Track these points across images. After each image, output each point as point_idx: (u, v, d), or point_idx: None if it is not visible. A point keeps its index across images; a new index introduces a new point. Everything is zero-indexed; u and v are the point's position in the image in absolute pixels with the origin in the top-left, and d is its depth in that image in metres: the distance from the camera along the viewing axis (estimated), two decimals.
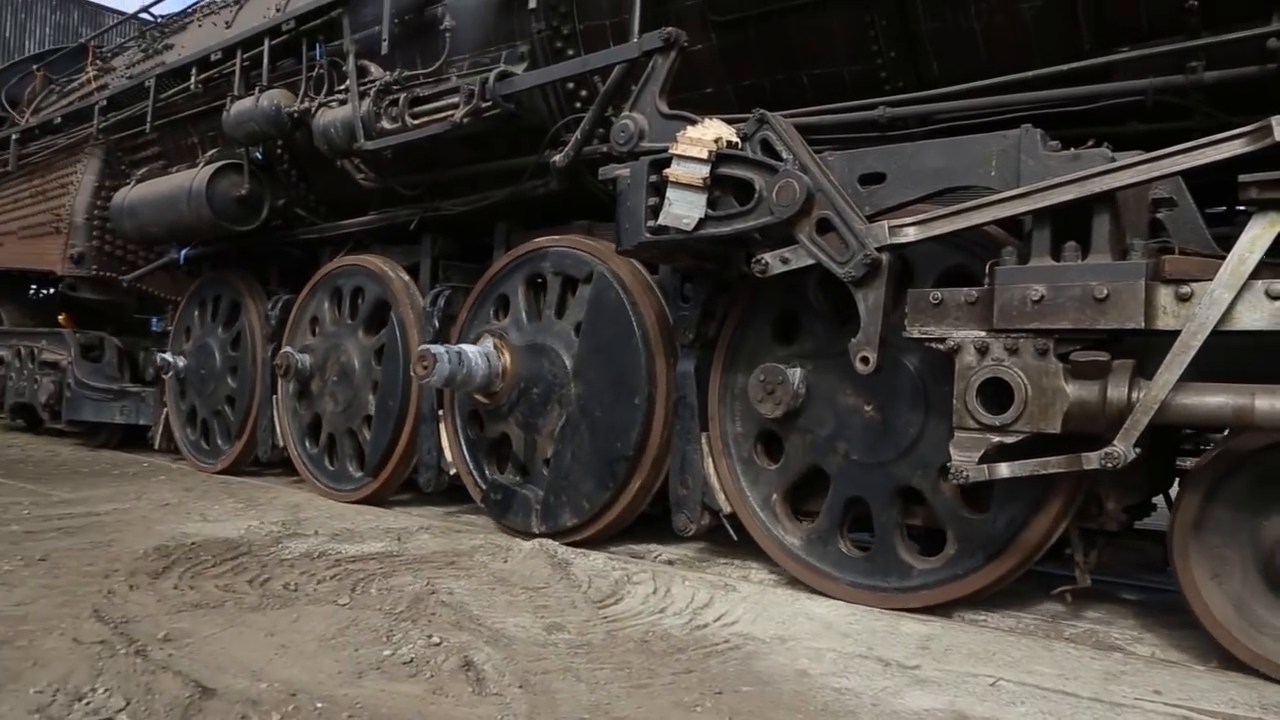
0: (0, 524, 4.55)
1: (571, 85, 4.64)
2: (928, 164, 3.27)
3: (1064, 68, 3.34)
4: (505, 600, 3.36)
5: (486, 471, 4.92)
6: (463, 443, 5.04)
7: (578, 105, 4.66)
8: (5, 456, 7.54)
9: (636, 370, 4.25)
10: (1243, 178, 2.60)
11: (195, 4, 7.62)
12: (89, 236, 7.73)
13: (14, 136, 8.79)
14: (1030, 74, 3.43)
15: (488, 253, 5.35)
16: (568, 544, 4.29)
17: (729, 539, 4.12)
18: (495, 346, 4.79)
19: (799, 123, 3.78)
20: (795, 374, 3.72)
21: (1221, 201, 3.73)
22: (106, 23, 14.49)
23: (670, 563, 4.12)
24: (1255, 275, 2.65)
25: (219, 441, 6.82)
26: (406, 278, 5.59)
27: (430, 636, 2.85)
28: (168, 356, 7.02)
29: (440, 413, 5.18)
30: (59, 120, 8.12)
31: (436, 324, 5.29)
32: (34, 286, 9.43)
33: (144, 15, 9.18)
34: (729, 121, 3.66)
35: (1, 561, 3.74)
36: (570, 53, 4.62)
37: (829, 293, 3.64)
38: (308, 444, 6.06)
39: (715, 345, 4.14)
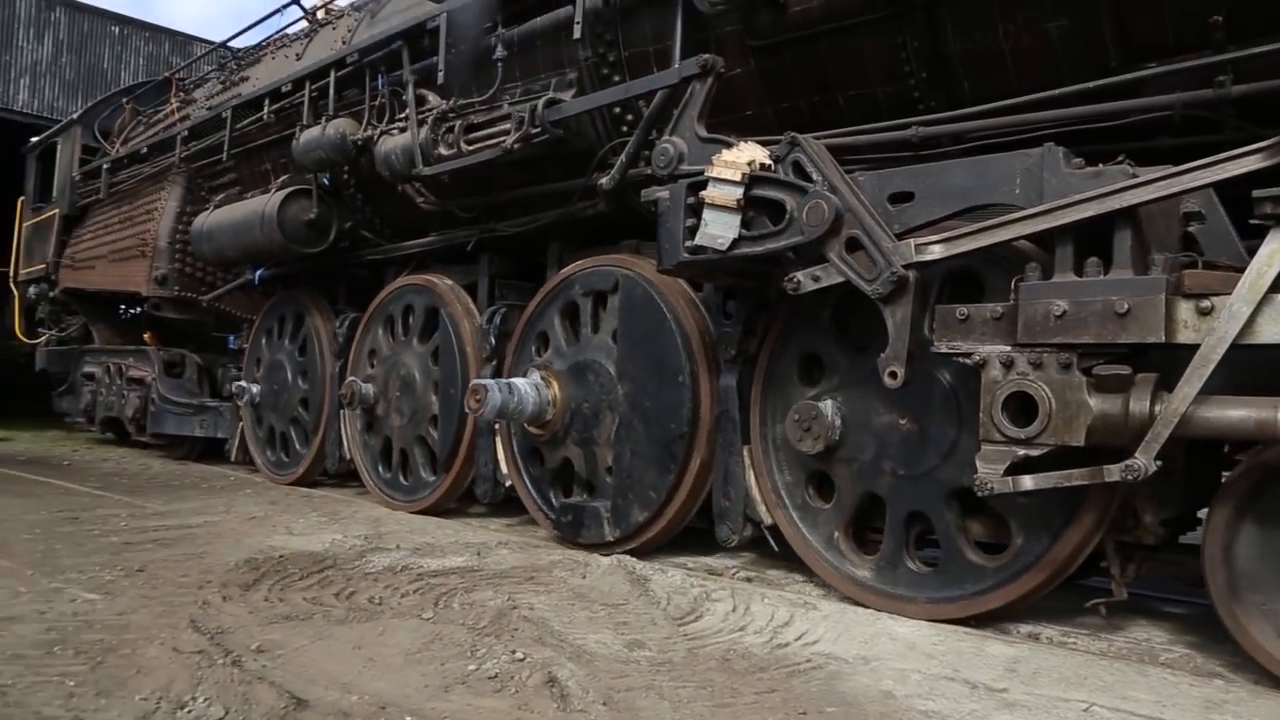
0: (101, 535, 4.78)
1: (618, 110, 4.79)
2: (954, 183, 3.35)
3: (1091, 85, 3.38)
4: (585, 616, 3.38)
5: (553, 499, 5.01)
6: (527, 480, 5.15)
7: (624, 129, 4.81)
8: (101, 470, 7.90)
9: (675, 352, 4.40)
10: (1257, 193, 2.64)
11: (270, 37, 8.00)
12: (171, 259, 8.17)
13: (105, 166, 9.32)
14: (1058, 92, 3.47)
15: (542, 271, 5.53)
16: (641, 543, 4.45)
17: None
18: (542, 379, 4.94)
19: (835, 143, 3.89)
20: (828, 406, 3.80)
21: None
22: (195, 52, 15.29)
23: (749, 580, 4.12)
24: (1276, 289, 2.67)
25: (291, 454, 7.14)
26: (450, 282, 5.85)
27: (514, 652, 2.88)
28: (243, 384, 7.37)
29: (495, 425, 5.38)
30: (145, 150, 8.60)
31: (493, 340, 5.49)
32: (123, 307, 9.93)
33: (229, 46, 9.64)
34: (766, 143, 3.79)
35: (104, 571, 3.92)
36: (616, 79, 4.78)
37: (860, 314, 3.72)
38: (375, 459, 6.31)
39: (756, 361, 4.25)
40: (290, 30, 7.92)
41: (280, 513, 5.62)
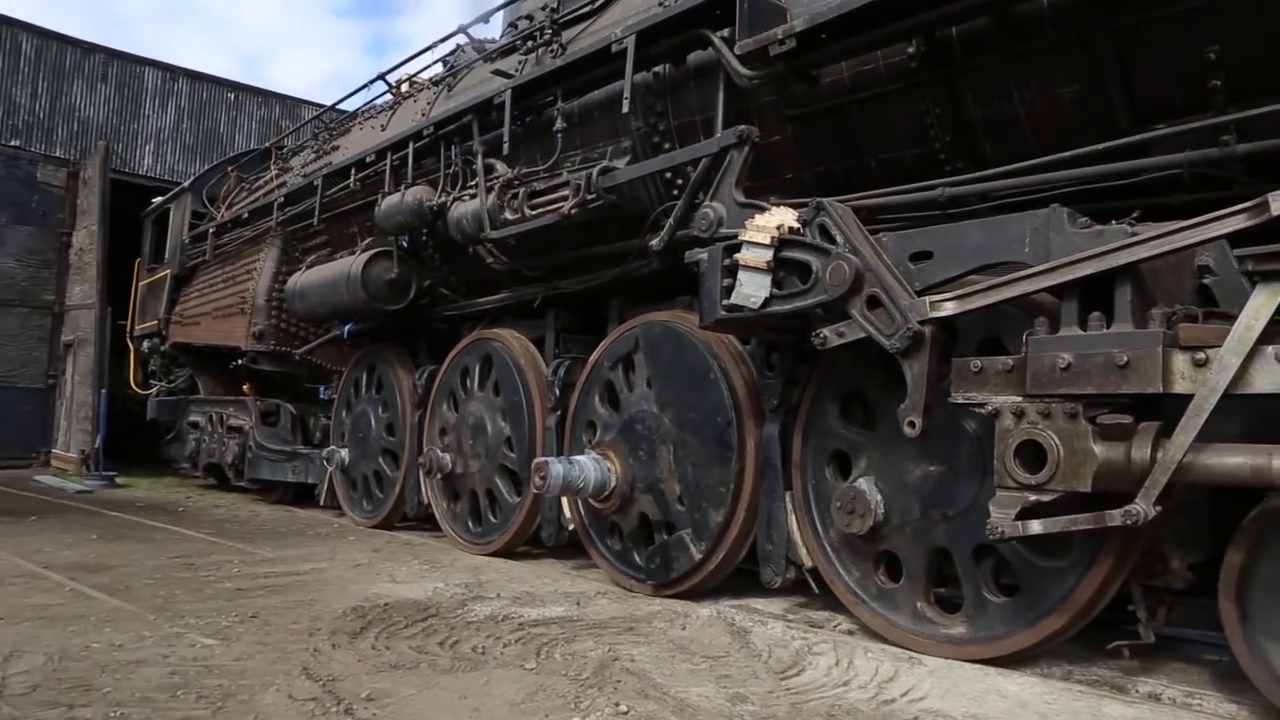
0: (216, 580, 5.00)
1: (668, 175, 5.10)
2: (969, 242, 3.56)
3: (1101, 147, 3.55)
4: (687, 669, 3.39)
5: (639, 559, 5.11)
6: (610, 556, 5.31)
7: (675, 193, 5.11)
8: (214, 516, 8.29)
9: (700, 357, 4.77)
10: (1238, 252, 2.79)
11: (360, 108, 8.62)
12: (268, 316, 8.79)
13: (211, 229, 10.09)
14: (1073, 153, 3.64)
15: (605, 325, 5.83)
16: (725, 551, 4.58)
17: None
18: (600, 454, 5.19)
19: (868, 204, 4.14)
20: (866, 485, 3.97)
21: None
22: (303, 114, 16.15)
23: (850, 633, 4.11)
24: (1266, 341, 2.81)
25: (374, 499, 7.58)
26: (520, 336, 6.27)
27: (617, 705, 2.90)
28: (333, 448, 7.87)
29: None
30: (246, 214, 9.31)
31: (557, 392, 5.82)
32: (226, 359, 10.65)
33: (336, 108, 10.30)
34: (798, 206, 4.05)
35: (220, 617, 4.08)
36: (666, 146, 5.11)
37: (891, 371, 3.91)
38: (450, 504, 6.69)
39: (798, 411, 4.47)
40: (378, 101, 8.51)
41: (383, 560, 5.80)
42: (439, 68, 7.98)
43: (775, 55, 4.12)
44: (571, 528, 5.63)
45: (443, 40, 7.53)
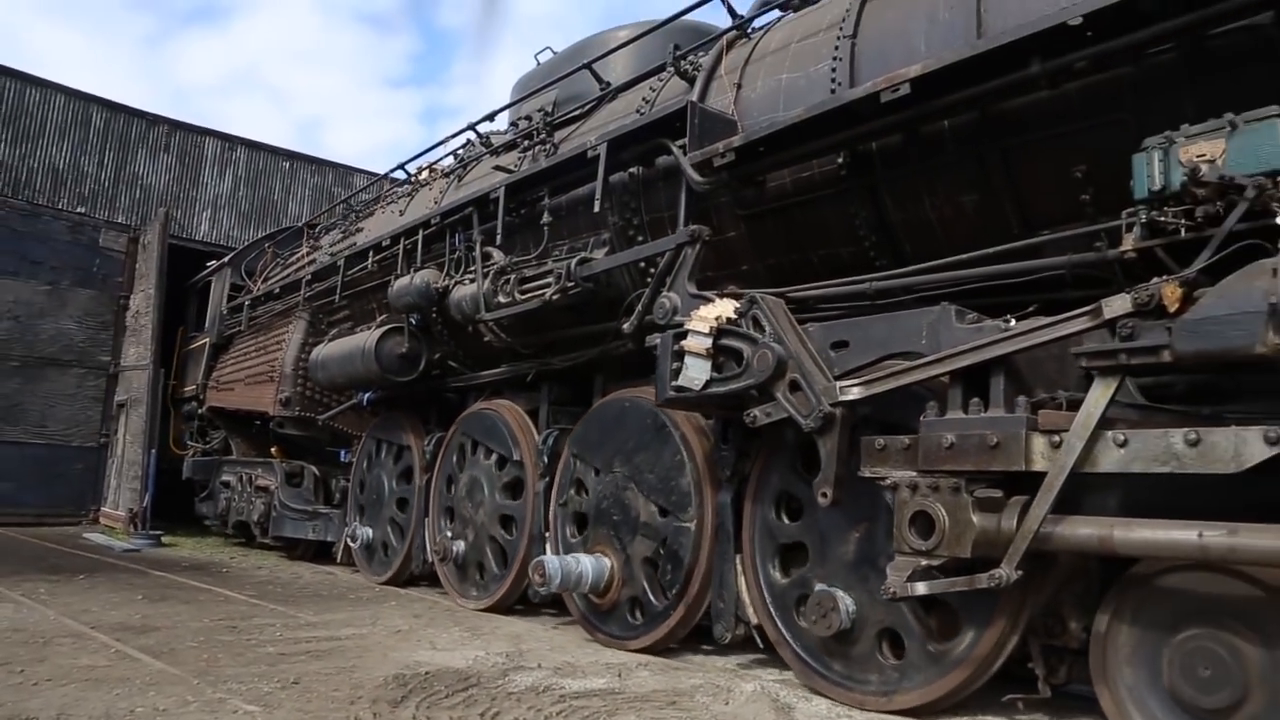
0: (258, 644, 5.00)
1: (643, 264, 5.65)
2: (877, 334, 4.03)
3: (996, 249, 4.01)
4: None
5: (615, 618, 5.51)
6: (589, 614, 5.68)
7: (648, 280, 5.64)
8: (257, 577, 8.37)
9: (645, 416, 5.24)
10: (1073, 350, 3.24)
11: (380, 194, 9.33)
12: (294, 384, 9.44)
13: (246, 302, 10.83)
14: (974, 254, 4.10)
15: (592, 397, 6.33)
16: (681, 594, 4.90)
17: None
18: (600, 552, 5.54)
19: (808, 295, 4.64)
20: (842, 596, 4.20)
21: None
22: (355, 182, 16.75)
23: (897, 712, 4.01)
24: (1108, 426, 3.24)
25: (385, 557, 8.09)
26: (516, 406, 6.78)
27: None
28: (356, 527, 8.29)
29: (547, 534, 6.16)
30: (278, 289, 10.03)
31: (545, 459, 6.32)
32: (256, 423, 11.31)
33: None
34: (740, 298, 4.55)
35: (262, 682, 4.07)
36: (639, 239, 5.67)
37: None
38: (445, 564, 7.18)
39: (748, 481, 4.91)
40: (400, 189, 9.22)
41: (424, 626, 5.83)
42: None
43: (719, 165, 4.66)
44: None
45: (454, 135, 8.23)
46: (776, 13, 5.88)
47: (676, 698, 4.03)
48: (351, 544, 8.33)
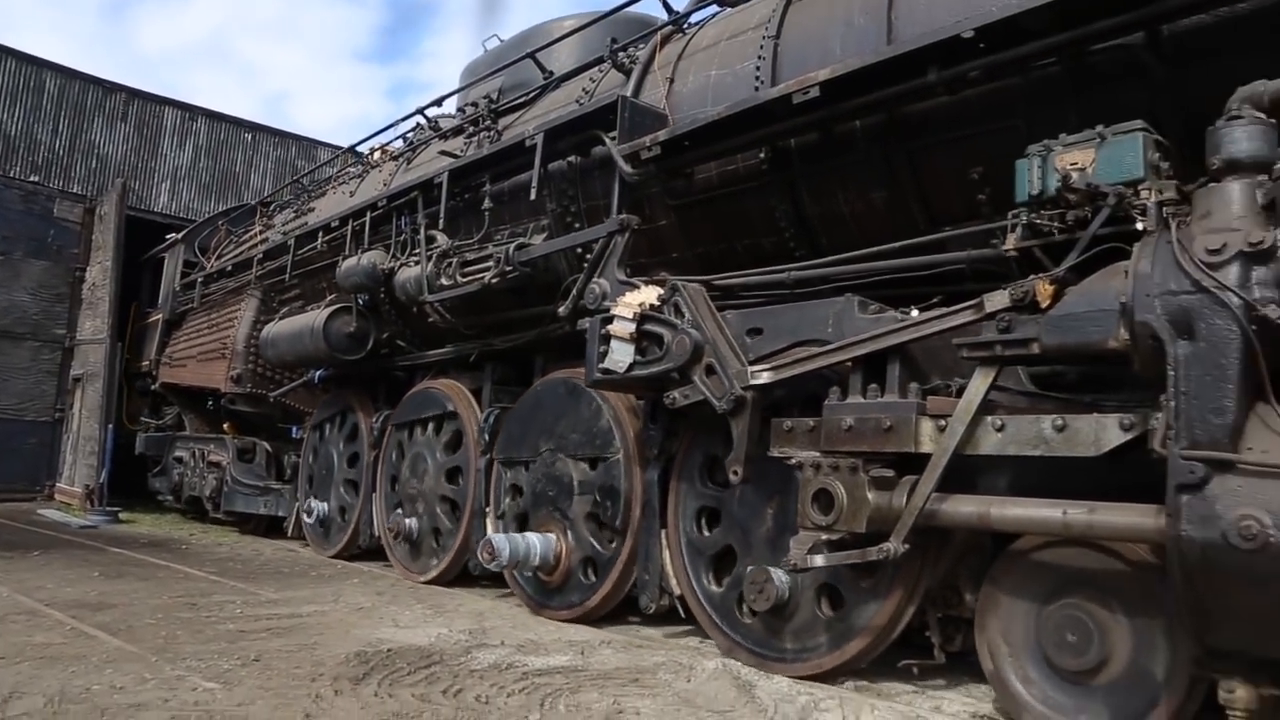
0: (218, 622, 4.96)
1: (580, 250, 5.84)
2: (788, 322, 4.27)
3: (900, 244, 4.24)
4: None
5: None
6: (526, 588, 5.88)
7: (584, 265, 5.85)
8: (216, 554, 8.26)
9: (557, 388, 5.49)
10: (955, 340, 3.50)
11: (333, 175, 9.43)
12: (246, 361, 9.54)
13: (199, 279, 10.89)
14: (883, 248, 4.34)
15: (533, 377, 6.53)
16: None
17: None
18: (547, 532, 5.69)
19: (733, 283, 4.86)
20: (776, 571, 4.36)
21: None
22: (319, 155, 16.60)
23: (858, 689, 4.08)
24: (989, 412, 3.50)
25: (332, 532, 8.26)
26: (460, 385, 6.96)
27: None
28: (313, 503, 8.33)
29: (487, 509, 6.37)
30: (230, 267, 10.11)
31: (486, 438, 6.51)
32: (209, 400, 11.40)
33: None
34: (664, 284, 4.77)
35: (222, 660, 4.04)
36: (577, 225, 5.87)
37: None
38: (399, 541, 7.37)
39: (675, 460, 5.15)
40: (351, 169, 9.32)
41: (386, 604, 5.81)
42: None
43: (646, 158, 4.86)
44: None
45: (404, 119, 8.36)
46: (714, 8, 6.08)
47: (639, 674, 4.05)
48: (306, 518, 8.45)
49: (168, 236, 13.45)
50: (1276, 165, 2.78)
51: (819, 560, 3.84)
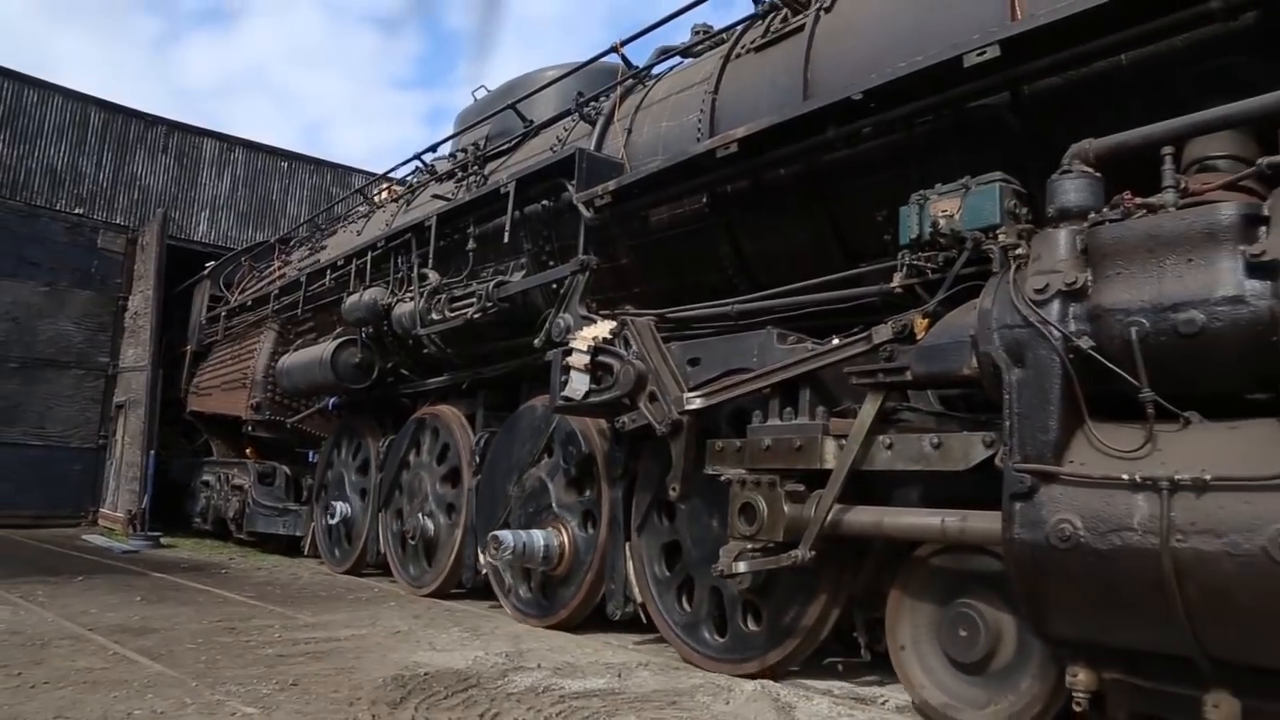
0: (257, 646, 4.98)
1: (555, 285, 6.34)
2: (720, 353, 4.74)
3: (820, 280, 4.69)
4: None
5: (534, 599, 6.36)
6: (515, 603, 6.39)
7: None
8: (255, 579, 8.34)
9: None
10: (846, 369, 3.95)
11: (345, 212, 10.05)
12: (264, 390, 10.18)
13: (223, 313, 11.57)
14: (808, 283, 4.79)
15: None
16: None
17: None
18: (554, 528, 6.06)
19: (684, 315, 5.34)
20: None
21: None
22: (353, 182, 16.52)
23: (899, 710, 4.08)
24: (876, 433, 3.94)
25: (343, 550, 8.81)
26: (456, 411, 7.46)
27: None
28: (335, 503, 8.74)
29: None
30: (250, 302, 10.76)
31: (477, 459, 7.03)
32: (233, 427, 12.06)
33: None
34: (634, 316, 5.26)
35: (260, 684, 4.05)
36: (551, 263, 6.38)
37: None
38: (398, 553, 7.90)
39: (636, 478, 5.61)
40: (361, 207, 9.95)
41: (423, 627, 5.83)
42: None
43: (599, 205, 5.37)
44: (485, 571, 6.78)
45: (404, 163, 8.97)
46: (677, 58, 6.60)
47: (677, 698, 4.05)
48: (330, 520, 8.71)
49: (206, 265, 14.02)
50: (1092, 214, 3.21)
51: (742, 566, 4.29)
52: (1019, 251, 3.40)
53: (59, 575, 7.98)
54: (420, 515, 7.57)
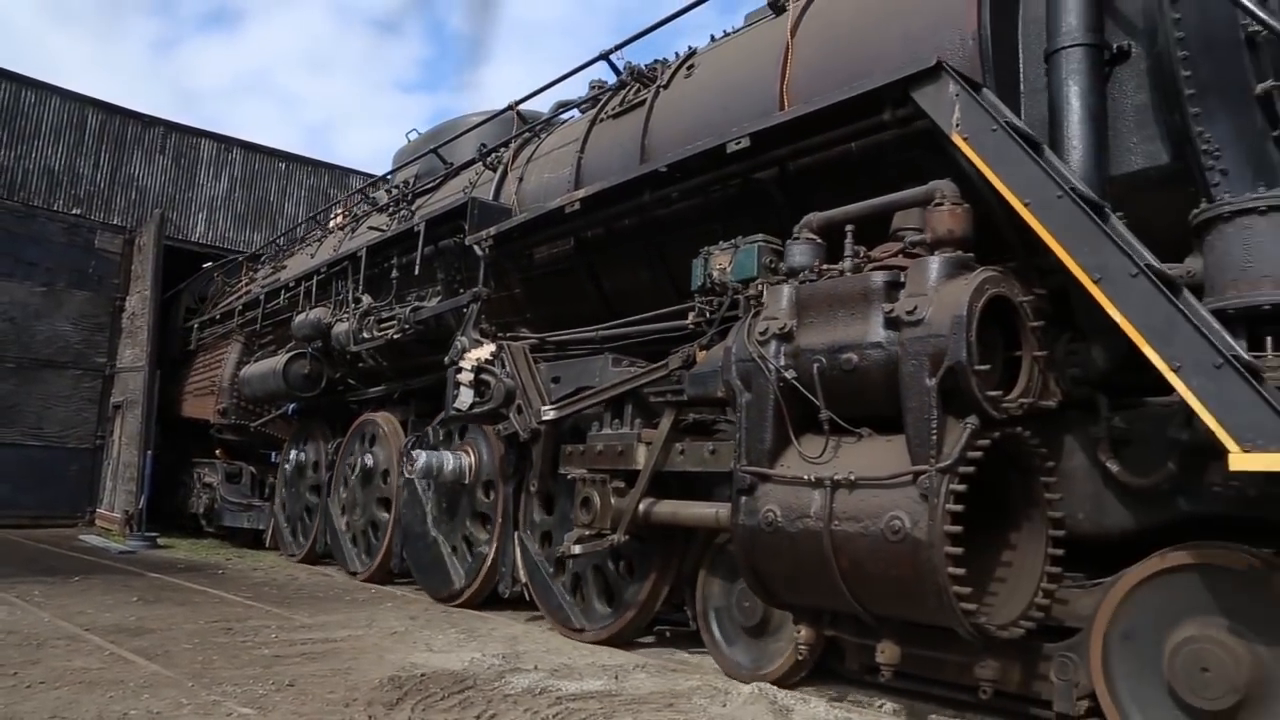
0: (253, 646, 5.00)
1: (465, 309, 7.33)
2: (573, 373, 5.74)
3: (655, 313, 5.64)
4: None
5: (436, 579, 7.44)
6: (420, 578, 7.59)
7: None
8: (252, 579, 8.41)
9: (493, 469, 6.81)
10: (646, 390, 4.93)
11: (303, 235, 11.05)
12: (230, 397, 11.18)
13: (196, 324, 12.58)
14: (651, 314, 5.74)
15: None
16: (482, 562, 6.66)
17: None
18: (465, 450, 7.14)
19: (562, 339, 6.32)
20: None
21: None
22: (351, 183, 16.62)
23: (895, 713, 4.14)
24: (679, 440, 4.93)
25: (299, 540, 9.81)
26: (391, 417, 8.41)
27: None
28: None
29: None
30: (218, 315, 11.77)
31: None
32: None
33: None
34: (516, 339, 6.24)
35: (257, 685, 4.06)
36: (461, 290, 7.35)
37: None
38: (343, 542, 8.89)
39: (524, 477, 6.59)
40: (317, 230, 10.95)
41: (420, 628, 5.88)
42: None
43: (485, 247, 6.36)
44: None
45: (352, 194, 9.96)
46: (575, 112, 7.59)
47: (674, 699, 4.07)
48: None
49: (203, 266, 14.46)
50: (803, 274, 4.17)
51: (577, 549, 5.29)
52: (758, 300, 4.37)
53: (56, 575, 8.01)
54: (358, 510, 8.57)
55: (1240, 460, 2.82)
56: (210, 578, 8.37)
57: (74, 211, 14.77)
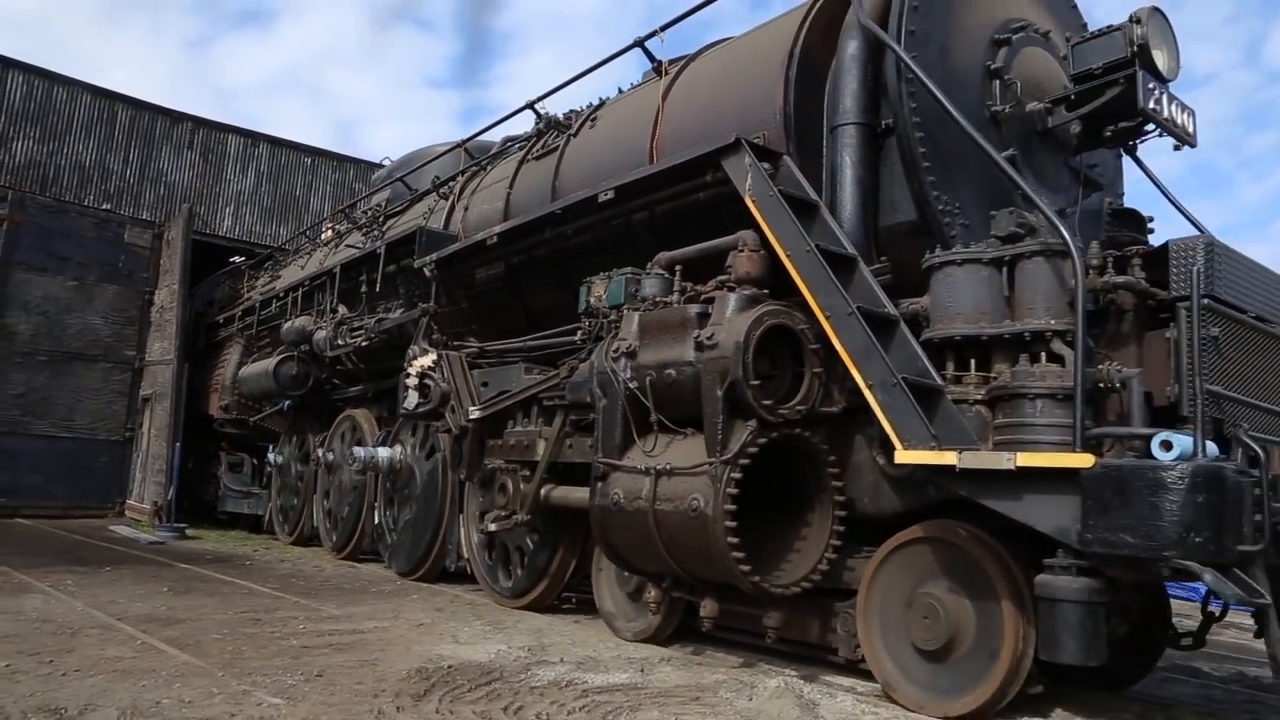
0: (282, 637, 5.08)
1: (417, 322, 8.39)
2: (498, 379, 6.78)
3: (565, 328, 6.66)
4: None
5: (393, 559, 8.54)
6: (386, 556, 8.72)
7: None
8: (280, 571, 8.51)
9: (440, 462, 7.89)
10: (544, 395, 5.97)
11: (297, 246, 12.19)
12: (231, 394, 12.35)
13: (204, 326, 13.79)
14: (557, 330, 6.73)
15: None
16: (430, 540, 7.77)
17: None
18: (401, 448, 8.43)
19: (499, 348, 7.36)
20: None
21: None
22: (374, 179, 17.28)
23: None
24: (565, 438, 5.97)
25: (291, 523, 10.95)
26: (369, 413, 9.51)
27: None
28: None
29: (375, 504, 8.96)
30: (221, 320, 12.95)
31: None
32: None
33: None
34: (461, 348, 7.30)
35: (286, 675, 4.09)
36: (422, 304, 8.42)
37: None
38: (326, 525, 10.02)
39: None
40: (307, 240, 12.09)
41: (446, 620, 6.01)
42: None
43: (430, 269, 7.42)
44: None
45: (336, 212, 11.07)
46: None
47: (700, 693, 4.09)
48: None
49: (230, 260, 15.00)
50: (647, 302, 5.18)
51: (493, 526, 6.34)
52: (616, 323, 5.39)
53: (87, 565, 8.10)
54: (332, 497, 9.70)
55: (902, 455, 3.82)
56: (238, 569, 8.49)
57: (104, 206, 15.13)
